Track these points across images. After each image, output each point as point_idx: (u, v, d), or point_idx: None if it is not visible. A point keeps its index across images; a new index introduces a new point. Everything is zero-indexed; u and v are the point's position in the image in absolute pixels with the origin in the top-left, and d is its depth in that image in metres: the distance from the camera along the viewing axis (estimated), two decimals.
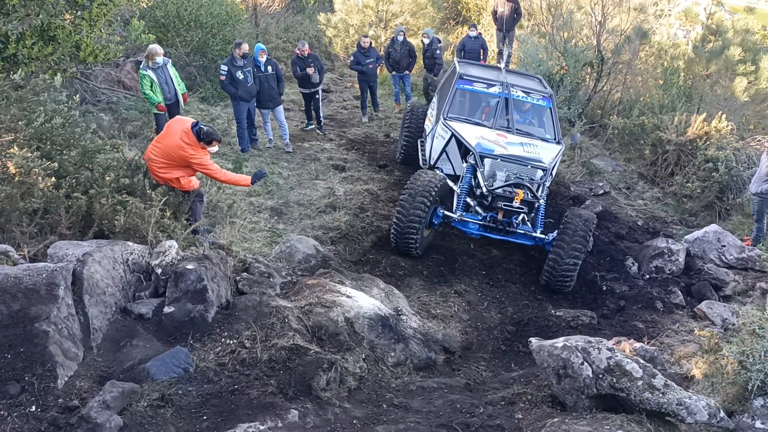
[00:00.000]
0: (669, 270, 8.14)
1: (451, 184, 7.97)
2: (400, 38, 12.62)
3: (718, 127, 10.74)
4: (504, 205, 7.38)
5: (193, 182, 6.64)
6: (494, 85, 8.91)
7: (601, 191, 10.54)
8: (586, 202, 9.73)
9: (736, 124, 11.43)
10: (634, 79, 13.77)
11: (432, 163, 8.83)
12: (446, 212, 7.59)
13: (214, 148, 6.36)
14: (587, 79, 13.49)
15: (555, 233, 7.43)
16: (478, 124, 8.56)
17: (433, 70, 13.06)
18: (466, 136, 8.13)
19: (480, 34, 13.94)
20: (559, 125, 8.92)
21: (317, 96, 11.36)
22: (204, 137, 6.18)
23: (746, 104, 13.22)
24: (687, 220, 10.07)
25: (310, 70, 10.79)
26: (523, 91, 8.95)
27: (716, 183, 10.10)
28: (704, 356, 5.78)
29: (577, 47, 13.29)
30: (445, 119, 8.54)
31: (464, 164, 8.18)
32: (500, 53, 15.20)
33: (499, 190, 7.48)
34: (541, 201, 7.70)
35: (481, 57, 13.60)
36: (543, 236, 7.49)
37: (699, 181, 10.30)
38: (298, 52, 11.00)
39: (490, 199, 7.50)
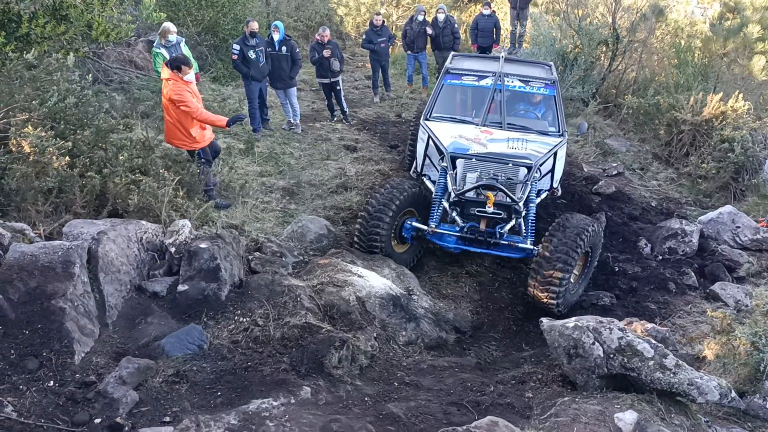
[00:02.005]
0: (682, 251, 8.10)
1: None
2: (420, 18, 12.46)
3: (735, 107, 10.59)
4: (477, 211, 6.46)
5: (207, 135, 7.07)
6: (486, 77, 7.93)
7: (615, 172, 10.46)
8: (599, 183, 9.67)
9: (753, 104, 11.26)
10: (649, 57, 13.59)
11: (419, 170, 7.80)
12: (416, 224, 6.74)
13: (189, 76, 6.88)
14: (602, 58, 13.32)
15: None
16: (463, 121, 7.60)
17: (454, 47, 12.89)
18: (440, 136, 7.20)
19: (494, 12, 13.78)
20: (564, 114, 7.92)
21: (338, 87, 10.91)
22: (173, 63, 6.77)
23: (764, 83, 13.04)
24: (701, 201, 9.98)
25: (327, 53, 10.44)
26: (520, 80, 7.94)
27: (732, 164, 9.98)
28: (716, 337, 5.78)
29: (591, 25, 13.10)
30: (425, 119, 7.67)
31: (428, 166, 7.31)
32: (513, 33, 15.08)
33: (471, 194, 6.51)
34: (531, 205, 6.72)
35: (495, 36, 13.46)
36: (532, 247, 6.46)
37: (714, 162, 10.19)
38: (318, 37, 10.70)
39: (461, 205, 6.61)
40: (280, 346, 4.65)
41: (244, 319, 4.88)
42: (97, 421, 3.66)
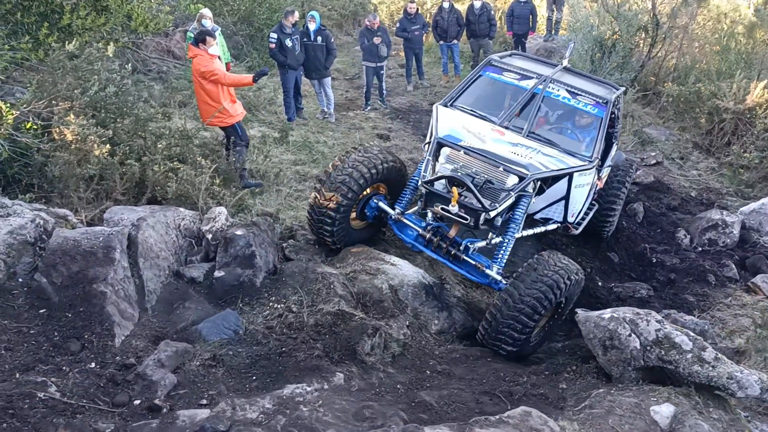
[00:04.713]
0: (723, 243, 7.92)
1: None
2: (446, 5, 12.38)
3: None
4: (441, 208, 5.51)
5: (238, 110, 7.20)
6: (530, 78, 6.81)
7: (654, 161, 10.25)
8: (638, 172, 9.49)
9: None
10: (690, 44, 13.22)
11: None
12: (382, 204, 6.04)
13: (213, 48, 6.97)
14: (641, 45, 13.01)
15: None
16: (483, 118, 6.50)
17: (490, 34, 12.79)
18: (441, 122, 6.25)
19: None
20: (603, 143, 6.59)
21: (382, 72, 11.29)
22: (197, 38, 6.96)
23: None
24: (743, 192, 9.72)
25: (377, 40, 10.79)
26: (567, 91, 6.73)
27: None
28: (757, 331, 5.65)
29: (630, 11, 12.80)
30: (442, 105, 6.75)
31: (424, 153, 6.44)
32: (550, 19, 14.83)
33: (439, 186, 5.59)
34: (512, 228, 5.80)
35: (531, 23, 13.26)
36: (499, 278, 5.54)
37: (757, 151, 9.91)
38: (368, 23, 11.07)
39: (427, 197, 5.76)
40: (314, 332, 4.70)
41: (279, 306, 4.95)
42: (137, 402, 3.76)
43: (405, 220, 5.89)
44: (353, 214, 6.12)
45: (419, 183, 5.79)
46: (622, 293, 6.91)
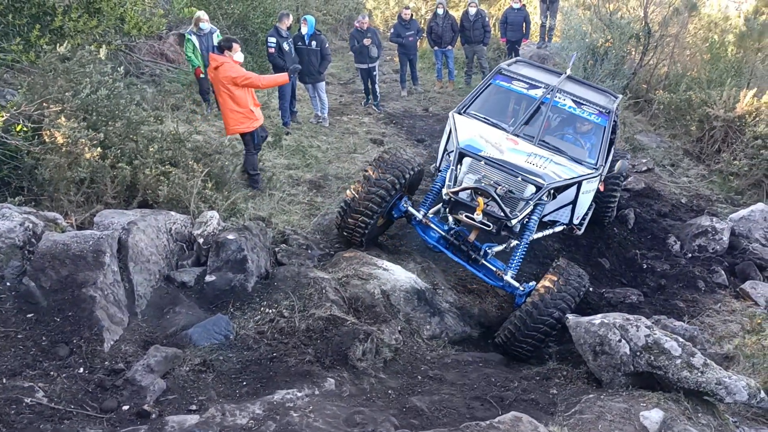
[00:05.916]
0: (712, 249, 7.97)
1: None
2: (440, 11, 12.43)
3: None
4: (466, 216, 5.86)
5: (260, 112, 7.28)
6: (538, 88, 7.22)
7: (645, 168, 10.31)
8: (629, 179, 9.54)
9: None
10: (681, 52, 13.34)
11: (438, 165, 7.49)
12: (411, 208, 6.34)
13: (238, 54, 6.96)
14: (633, 53, 13.11)
15: (532, 284, 5.84)
16: (496, 126, 6.90)
17: (484, 40, 12.84)
18: (461, 131, 6.64)
19: (524, 5, 13.63)
20: (607, 149, 7.05)
21: (374, 73, 11.33)
22: (223, 45, 6.91)
23: None
24: (733, 199, 9.80)
25: (367, 41, 10.82)
26: (573, 101, 7.13)
27: (765, 161, 9.76)
28: (746, 336, 5.69)
29: (623, 19, 12.90)
30: (457, 113, 7.11)
31: (446, 160, 6.86)
32: (543, 26, 14.91)
33: (464, 195, 5.92)
34: (526, 234, 6.16)
35: (524, 30, 13.34)
36: (515, 283, 5.86)
37: (747, 159, 9.99)
38: (357, 25, 11.09)
39: (451, 205, 6.07)
40: (305, 337, 4.69)
41: (270, 310, 4.93)
42: (125, 408, 3.73)
43: (430, 223, 6.18)
44: None
45: (444, 191, 6.09)
46: (613, 299, 6.94)
